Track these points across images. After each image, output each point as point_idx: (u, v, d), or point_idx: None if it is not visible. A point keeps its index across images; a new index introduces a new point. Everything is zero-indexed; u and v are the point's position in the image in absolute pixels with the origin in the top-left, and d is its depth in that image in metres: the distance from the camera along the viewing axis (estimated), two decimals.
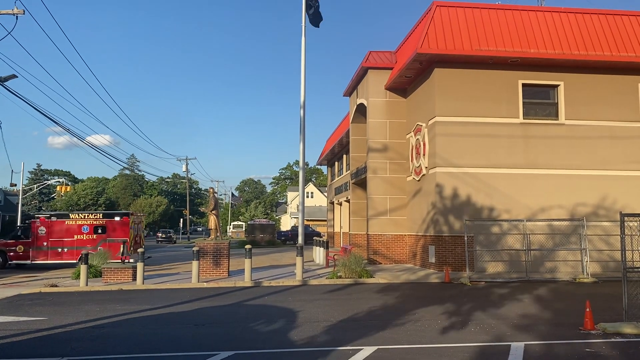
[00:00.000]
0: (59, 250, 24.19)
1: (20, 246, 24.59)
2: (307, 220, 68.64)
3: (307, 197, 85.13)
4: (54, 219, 25.04)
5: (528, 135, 20.04)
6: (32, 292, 15.96)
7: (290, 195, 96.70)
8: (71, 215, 25.44)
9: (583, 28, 20.43)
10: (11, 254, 24.60)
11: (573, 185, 19.86)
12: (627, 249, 9.76)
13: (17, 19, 17.73)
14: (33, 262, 24.37)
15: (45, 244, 24.35)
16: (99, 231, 24.87)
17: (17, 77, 18.22)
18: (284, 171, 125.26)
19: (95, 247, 24.45)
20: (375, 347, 8.06)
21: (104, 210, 65.21)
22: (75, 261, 23.64)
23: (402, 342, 8.51)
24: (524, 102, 20.28)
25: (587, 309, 9.46)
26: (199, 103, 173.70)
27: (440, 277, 17.64)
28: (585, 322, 9.38)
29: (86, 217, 25.31)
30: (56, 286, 16.76)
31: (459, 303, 12.56)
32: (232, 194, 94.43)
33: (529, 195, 19.70)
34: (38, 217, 25.26)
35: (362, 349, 7.93)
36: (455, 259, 19.14)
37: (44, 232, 24.55)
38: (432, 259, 19.88)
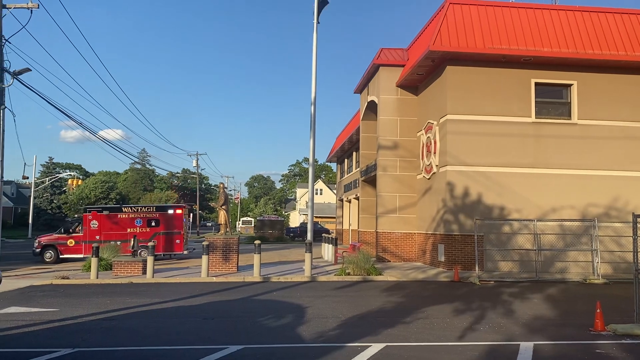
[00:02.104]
0: (112, 243, 23.63)
1: (72, 240, 24.54)
2: (316, 217, 68.71)
3: (316, 194, 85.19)
4: (106, 212, 25.07)
5: (540, 134, 19.89)
6: (44, 283, 16.14)
7: (299, 192, 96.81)
8: (124, 209, 25.47)
9: (597, 27, 20.22)
10: (63, 248, 24.54)
11: (585, 186, 19.70)
12: (638, 250, 9.68)
13: (31, 12, 17.91)
14: (85, 255, 24.00)
15: (97, 237, 24.04)
16: (152, 224, 24.92)
17: (31, 70, 18.37)
18: (293, 168, 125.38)
19: (149, 240, 24.61)
20: (384, 344, 8.06)
21: (114, 204, 65.68)
22: (129, 254, 23.69)
23: (411, 339, 8.50)
24: (536, 101, 20.11)
25: (598, 310, 9.39)
26: (209, 98, 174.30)
27: (449, 275, 17.59)
28: (596, 323, 9.31)
29: (139, 210, 25.24)
30: (67, 278, 16.92)
31: (468, 302, 12.52)
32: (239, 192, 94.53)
33: (540, 195, 19.57)
34: (90, 211, 25.16)
35: (370, 346, 7.93)
36: (465, 258, 19.07)
37: (96, 225, 24.51)
38: (442, 258, 19.82)
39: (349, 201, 37.49)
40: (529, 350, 7.79)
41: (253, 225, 62.68)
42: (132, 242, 20.74)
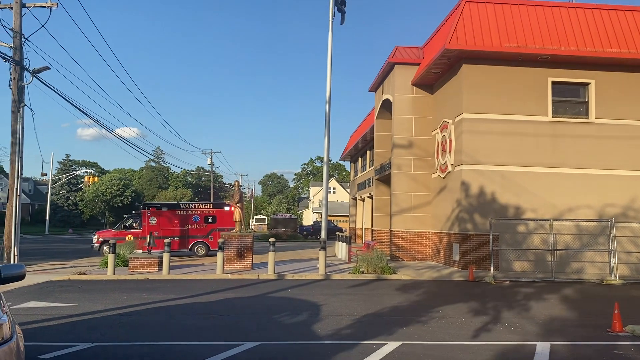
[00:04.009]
0: (170, 239, 24.02)
1: (130, 236, 24.90)
2: (329, 215, 68.51)
3: (330, 192, 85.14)
4: (164, 209, 25.49)
5: (557, 133, 19.71)
6: (62, 279, 16.37)
7: (313, 190, 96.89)
8: (182, 205, 25.93)
9: (616, 25, 19.97)
10: (121, 243, 25.00)
11: (602, 186, 19.48)
12: None
13: (50, 11, 18.14)
14: (144, 251, 24.44)
15: (156, 233, 24.21)
16: (209, 221, 25.34)
17: (50, 69, 18.60)
18: (306, 166, 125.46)
19: (206, 236, 25.01)
20: (399, 343, 8.07)
21: (130, 202, 66.29)
22: (187, 250, 23.93)
23: (426, 338, 8.50)
24: (553, 100, 19.93)
25: (616, 311, 9.30)
26: (224, 96, 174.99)
27: (464, 275, 17.52)
28: (614, 324, 9.22)
29: (197, 207, 25.65)
30: (84, 274, 17.15)
31: (484, 301, 12.47)
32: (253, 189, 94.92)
33: (556, 195, 19.39)
34: (149, 207, 25.51)
35: (386, 344, 7.94)
36: (480, 258, 18.98)
37: (154, 221, 24.88)
38: (456, 257, 19.75)
39: (363, 200, 37.47)
40: (546, 351, 7.74)
41: (266, 223, 62.91)
42: (149, 239, 20.89)
